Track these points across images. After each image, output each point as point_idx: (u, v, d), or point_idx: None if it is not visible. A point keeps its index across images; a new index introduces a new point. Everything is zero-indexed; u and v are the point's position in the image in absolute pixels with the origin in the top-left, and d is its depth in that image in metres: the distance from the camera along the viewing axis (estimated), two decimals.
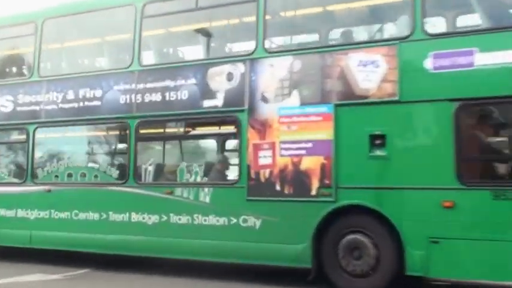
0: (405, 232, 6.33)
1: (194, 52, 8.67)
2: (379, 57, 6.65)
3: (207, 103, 7.68)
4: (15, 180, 9.41)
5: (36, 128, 9.08)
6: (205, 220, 7.53)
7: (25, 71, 9.85)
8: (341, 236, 6.76)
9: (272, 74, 7.30)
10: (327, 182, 6.82)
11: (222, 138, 8.67)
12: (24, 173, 9.18)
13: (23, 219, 8.97)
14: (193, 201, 7.64)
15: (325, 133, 6.90)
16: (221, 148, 8.73)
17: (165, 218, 7.80)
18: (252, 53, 7.46)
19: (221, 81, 7.61)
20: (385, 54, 6.64)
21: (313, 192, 6.89)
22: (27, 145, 9.13)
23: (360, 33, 7.65)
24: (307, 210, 6.90)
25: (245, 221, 7.26)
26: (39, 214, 8.85)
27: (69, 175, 8.75)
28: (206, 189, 7.58)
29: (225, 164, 8.02)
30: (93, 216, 8.35)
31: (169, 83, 7.97)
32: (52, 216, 8.72)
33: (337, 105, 6.84)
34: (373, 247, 6.55)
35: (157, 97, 8.04)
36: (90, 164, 8.86)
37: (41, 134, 9.23)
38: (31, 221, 8.90)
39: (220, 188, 7.63)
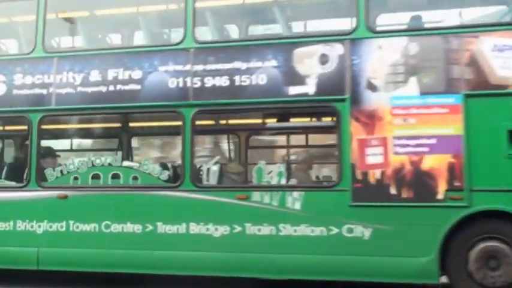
0: None
1: (266, 28, 7.25)
2: None
3: (294, 90, 6.37)
4: (12, 183, 7.36)
5: (43, 117, 7.12)
6: (295, 231, 6.23)
7: (24, 45, 7.77)
8: (471, 245, 5.88)
9: (381, 57, 6.20)
10: (457, 184, 5.87)
11: (313, 132, 7.35)
12: (26, 174, 7.20)
13: (25, 234, 6.98)
14: (277, 208, 6.30)
15: (453, 128, 5.94)
16: (312, 143, 7.41)
17: (238, 229, 6.37)
18: (353, 32, 6.33)
19: (312, 65, 6.34)
20: None
21: (440, 197, 5.91)
22: (30, 138, 7.14)
23: (492, 15, 6.80)
24: (432, 217, 5.90)
25: (350, 230, 6.10)
26: (50, 227, 6.93)
27: (95, 177, 6.94)
28: (295, 194, 6.27)
29: (319, 163, 6.76)
30: (134, 228, 6.67)
31: (239, 64, 6.55)
32: (71, 230, 6.86)
33: (467, 96, 5.94)
34: None
35: (221, 81, 6.58)
36: (126, 163, 7.11)
37: (50, 125, 7.30)
38: (38, 235, 6.95)
39: (315, 191, 6.38)
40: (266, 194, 6.35)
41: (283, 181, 6.40)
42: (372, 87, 6.18)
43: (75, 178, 6.99)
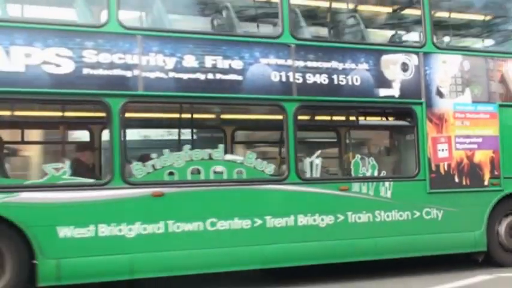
0: None
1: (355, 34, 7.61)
2: None
3: (383, 92, 7.18)
4: (90, 180, 6.05)
5: (127, 102, 6.11)
6: (387, 216, 7.09)
7: (94, 15, 6.30)
8: (500, 220, 7.75)
9: (445, 70, 7.53)
10: (496, 173, 7.68)
11: (395, 130, 7.90)
12: (108, 169, 6.06)
13: (112, 240, 5.95)
14: (373, 197, 7.03)
15: (492, 129, 7.73)
16: (395, 140, 7.95)
17: (341, 218, 6.86)
18: (423, 46, 7.47)
19: (396, 71, 7.26)
20: None
21: (486, 183, 7.62)
22: (110, 126, 6.04)
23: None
24: (481, 199, 7.58)
25: (428, 213, 7.29)
26: (144, 229, 6.07)
27: (195, 171, 6.35)
28: (387, 184, 7.11)
29: (402, 157, 7.57)
30: (242, 224, 6.44)
31: (336, 64, 6.98)
32: (171, 231, 6.16)
33: (500, 105, 7.77)
34: None
35: (321, 79, 6.90)
36: (229, 157, 6.62)
37: (134, 113, 6.26)
38: (130, 240, 6.01)
39: (401, 181, 7.28)
40: (363, 185, 7.02)
41: (376, 173, 7.17)
42: (440, 94, 7.48)
43: (171, 173, 6.28)
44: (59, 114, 6.78)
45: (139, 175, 6.17)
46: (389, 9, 8.42)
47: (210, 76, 6.43)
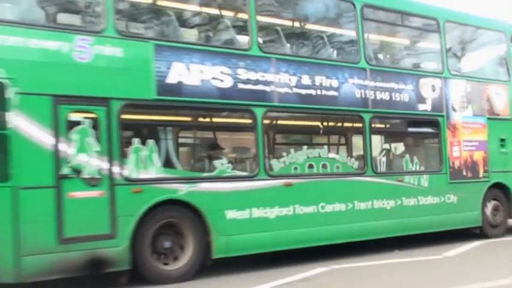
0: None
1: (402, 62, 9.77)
2: (503, 90, 10.80)
3: (421, 107, 9.49)
4: (244, 173, 7.49)
5: (266, 111, 7.70)
6: (426, 201, 9.41)
7: (241, 41, 7.66)
8: (487, 204, 10.45)
9: (456, 91, 10.06)
10: (486, 168, 10.38)
11: (427, 135, 10.04)
12: (256, 164, 7.59)
13: (259, 220, 7.51)
14: (417, 186, 9.31)
15: (483, 136, 10.42)
16: (426, 143, 10.06)
17: (399, 202, 9.05)
18: (442, 73, 9.92)
19: (428, 91, 9.63)
20: (505, 89, 10.84)
21: (481, 175, 10.29)
22: (256, 130, 7.59)
23: (491, 72, 11.17)
24: (478, 187, 10.23)
25: (448, 198, 9.74)
26: (280, 212, 7.71)
27: (310, 166, 8.10)
28: (425, 176, 9.43)
29: (431, 156, 9.83)
30: (340, 207, 8.33)
31: (393, 85, 9.15)
32: (296, 213, 7.86)
33: (488, 118, 10.49)
34: (504, 208, 10.62)
35: (385, 96, 9.03)
36: (330, 155, 8.39)
37: (271, 120, 7.81)
38: (271, 220, 7.61)
39: (433, 174, 9.61)
40: (411, 177, 9.27)
41: (418, 168, 9.44)
42: (454, 109, 9.98)
43: (295, 168, 7.98)
44: (225, 120, 8.18)
45: (276, 169, 7.81)
46: (418, 43, 10.83)
47: (318, 92, 8.26)
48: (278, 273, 7.23)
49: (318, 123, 9.22)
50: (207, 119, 7.98)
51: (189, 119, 7.87)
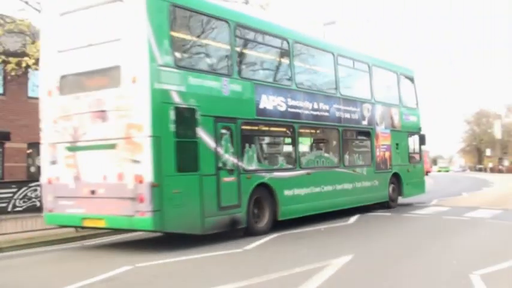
0: None
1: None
2: (397, 111, 16.37)
3: (363, 123, 14.46)
4: (288, 166, 11.56)
5: (299, 126, 11.91)
6: (365, 184, 14.46)
7: (287, 81, 11.59)
8: (389, 186, 15.95)
9: (378, 113, 15.25)
10: (390, 163, 15.83)
11: (365, 141, 14.68)
12: (293, 161, 11.75)
13: (297, 196, 11.72)
14: (361, 174, 14.31)
15: (388, 141, 15.82)
16: (365, 146, 14.68)
17: (354, 185, 13.95)
18: (371, 100, 15.05)
19: (366, 112, 14.63)
20: (398, 110, 16.42)
21: (388, 168, 15.68)
22: (292, 139, 11.76)
23: (391, 98, 16.38)
24: (387, 176, 15.60)
25: (375, 182, 14.95)
26: (305, 191, 12.00)
27: (317, 162, 12.51)
28: (364, 168, 14.50)
29: (366, 154, 14.72)
30: (329, 188, 12.91)
31: (352, 108, 13.98)
32: (312, 192, 12.23)
33: (391, 130, 15.91)
34: (396, 188, 16.19)
35: (349, 115, 13.82)
36: (325, 155, 12.83)
37: (301, 132, 12.00)
38: (302, 196, 11.86)
39: (367, 167, 14.62)
40: (359, 168, 14.22)
41: (361, 163, 14.40)
42: (377, 124, 15.16)
43: (311, 163, 12.33)
44: (282, 130, 12.09)
45: (303, 164, 12.08)
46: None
47: (323, 113, 12.72)
48: (81, 273, 7.33)
49: (327, 135, 13.65)
50: (274, 130, 11.91)
51: (267, 129, 11.73)
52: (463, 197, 21.10)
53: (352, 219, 12.95)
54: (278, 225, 11.09)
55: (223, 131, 9.97)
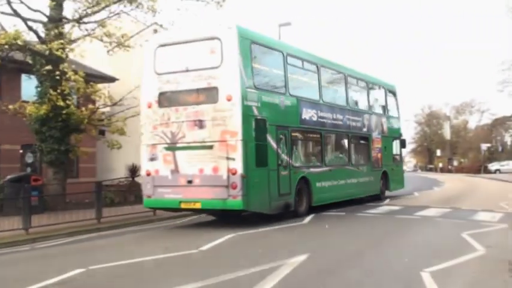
0: None
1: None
2: (385, 119, 19.84)
3: (364, 130, 17.82)
4: (318, 164, 14.74)
5: (325, 132, 15.11)
6: (365, 179, 17.82)
7: (316, 96, 14.75)
8: (380, 181, 19.39)
9: (374, 122, 18.64)
10: (381, 163, 19.27)
11: (365, 145, 17.89)
12: (320, 160, 14.95)
13: (324, 187, 14.92)
14: (362, 171, 17.63)
15: (377, 145, 19.25)
16: (364, 148, 17.90)
17: (358, 180, 17.25)
18: (369, 111, 18.43)
19: (367, 123, 17.98)
20: (385, 119, 19.89)
21: (380, 166, 19.10)
22: (320, 143, 14.99)
23: (379, 109, 19.76)
24: (378, 173, 19.01)
25: (371, 178, 18.36)
26: (328, 183, 15.22)
27: (337, 160, 15.77)
28: (364, 166, 17.81)
29: (365, 155, 18.02)
30: (342, 182, 16.16)
31: (357, 118, 17.29)
32: (333, 184, 15.46)
33: (381, 136, 19.36)
34: (384, 183, 19.64)
35: (356, 123, 17.13)
36: (341, 155, 16.05)
37: (326, 137, 15.21)
38: (327, 188, 15.05)
39: (366, 165, 17.95)
40: (361, 166, 17.57)
41: (362, 162, 17.75)
42: (373, 131, 18.55)
43: (331, 161, 15.56)
44: (314, 136, 15.18)
45: (327, 162, 15.28)
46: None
47: (338, 122, 15.97)
48: (32, 276, 7.15)
49: (343, 140, 16.85)
50: (309, 136, 15.03)
51: (306, 135, 14.85)
52: (414, 197, 21.63)
53: (307, 219, 13.39)
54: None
55: (281, 136, 13.03)
